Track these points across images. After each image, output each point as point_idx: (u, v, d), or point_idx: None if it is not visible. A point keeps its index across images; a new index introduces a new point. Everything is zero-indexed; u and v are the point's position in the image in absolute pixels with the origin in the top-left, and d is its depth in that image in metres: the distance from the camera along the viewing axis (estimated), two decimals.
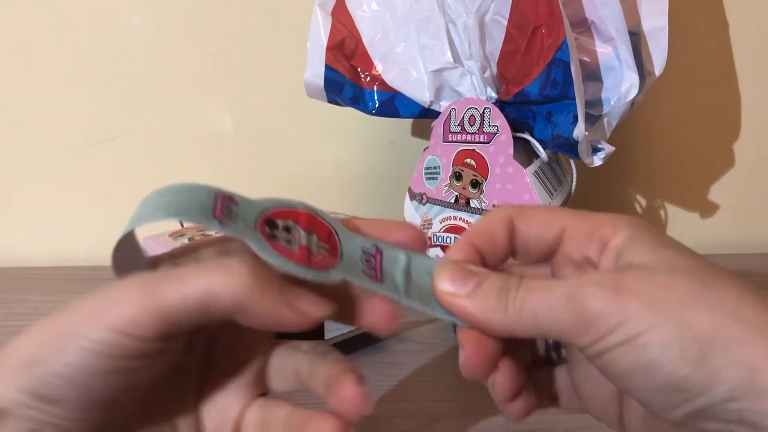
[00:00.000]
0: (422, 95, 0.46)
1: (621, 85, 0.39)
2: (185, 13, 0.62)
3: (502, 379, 0.23)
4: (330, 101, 0.49)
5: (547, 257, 0.23)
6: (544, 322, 0.20)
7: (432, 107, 0.47)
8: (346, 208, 0.68)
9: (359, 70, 0.47)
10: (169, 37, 0.63)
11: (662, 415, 0.19)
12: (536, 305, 0.20)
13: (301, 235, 0.22)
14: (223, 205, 0.22)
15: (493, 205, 0.42)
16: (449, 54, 0.43)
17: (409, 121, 0.65)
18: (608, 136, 0.40)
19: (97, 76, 0.64)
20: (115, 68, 0.64)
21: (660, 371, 0.18)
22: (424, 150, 0.48)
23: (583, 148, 0.37)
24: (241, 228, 0.21)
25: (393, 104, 0.48)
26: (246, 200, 0.22)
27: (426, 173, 0.47)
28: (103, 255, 0.77)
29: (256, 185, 0.68)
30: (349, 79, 0.48)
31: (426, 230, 0.47)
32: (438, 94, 0.46)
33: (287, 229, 0.22)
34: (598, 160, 0.38)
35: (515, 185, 0.41)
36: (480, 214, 0.43)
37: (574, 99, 0.36)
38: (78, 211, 0.69)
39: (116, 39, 0.62)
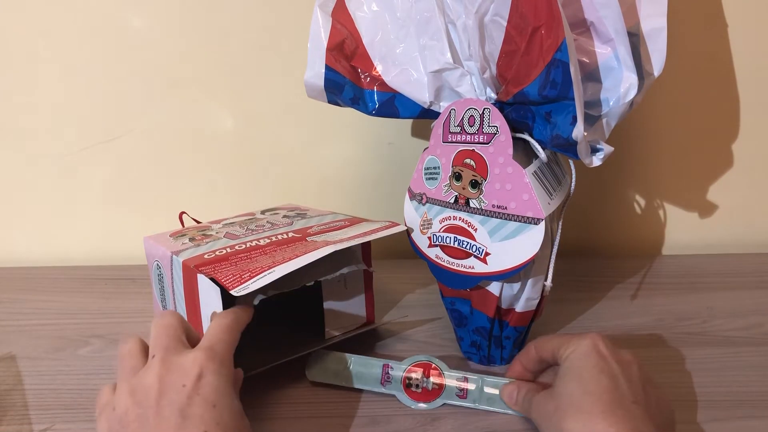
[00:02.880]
0: (422, 96, 0.46)
1: (620, 86, 0.39)
2: (186, 14, 0.62)
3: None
4: (330, 102, 0.49)
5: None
6: (531, 418, 0.39)
7: (432, 108, 0.47)
8: (346, 207, 0.68)
9: (359, 70, 0.47)
10: (170, 38, 0.63)
11: None
12: (531, 410, 0.39)
13: (423, 380, 0.44)
14: (385, 372, 0.45)
15: (493, 205, 0.42)
16: (449, 55, 0.43)
17: (409, 121, 0.65)
18: (607, 136, 0.40)
19: (98, 77, 0.64)
20: (116, 69, 0.64)
21: None
22: (424, 150, 0.48)
23: (582, 149, 0.37)
24: (394, 387, 0.44)
25: (393, 105, 0.48)
26: (397, 363, 0.45)
27: (426, 173, 0.47)
28: (103, 255, 0.78)
29: (256, 185, 0.69)
30: (349, 80, 0.48)
31: (425, 230, 0.47)
32: (438, 94, 0.46)
33: (417, 387, 0.44)
34: (597, 161, 0.38)
35: (514, 185, 0.41)
36: (479, 214, 0.43)
37: (573, 99, 0.36)
38: (78, 211, 0.70)
39: (117, 40, 0.63)
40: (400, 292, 0.61)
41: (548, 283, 0.44)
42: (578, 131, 0.36)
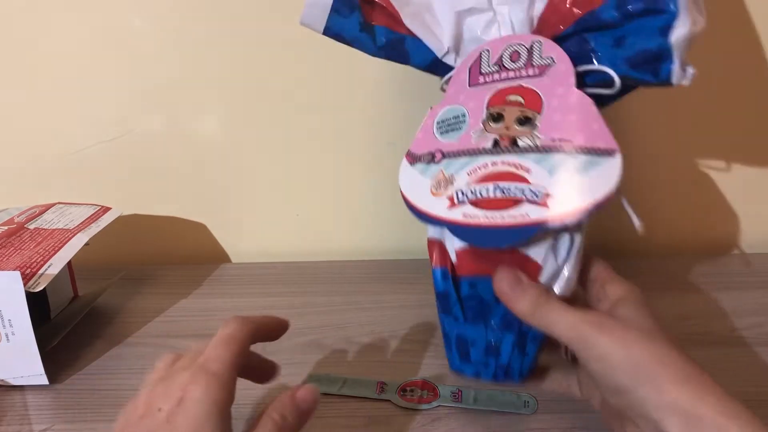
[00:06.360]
0: (439, 42, 0.41)
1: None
2: (186, 14, 0.60)
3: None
4: (328, 31, 0.41)
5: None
6: (554, 330, 0.32)
7: (445, 59, 0.41)
8: (346, 208, 0.68)
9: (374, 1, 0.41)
10: (170, 38, 0.61)
11: (609, 400, 0.32)
12: (553, 318, 0.33)
13: (418, 393, 0.44)
14: (379, 387, 0.45)
15: (553, 139, 0.35)
16: None
17: (409, 122, 0.59)
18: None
19: (98, 77, 0.62)
20: (116, 69, 0.62)
21: (610, 378, 0.30)
22: (431, 108, 0.41)
23: (678, 55, 0.32)
24: (390, 396, 0.44)
25: (403, 47, 0.42)
26: (392, 382, 0.45)
27: (441, 127, 0.40)
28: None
29: (254, 186, 0.67)
30: (359, 6, 0.40)
31: (441, 191, 0.38)
32: (457, 42, 0.40)
33: (412, 391, 0.44)
34: (687, 81, 0.34)
35: (580, 115, 0.34)
36: (534, 152, 0.35)
37: (662, 11, 0.32)
38: None
39: (117, 40, 0.61)
40: None
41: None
42: (681, 30, 0.31)
